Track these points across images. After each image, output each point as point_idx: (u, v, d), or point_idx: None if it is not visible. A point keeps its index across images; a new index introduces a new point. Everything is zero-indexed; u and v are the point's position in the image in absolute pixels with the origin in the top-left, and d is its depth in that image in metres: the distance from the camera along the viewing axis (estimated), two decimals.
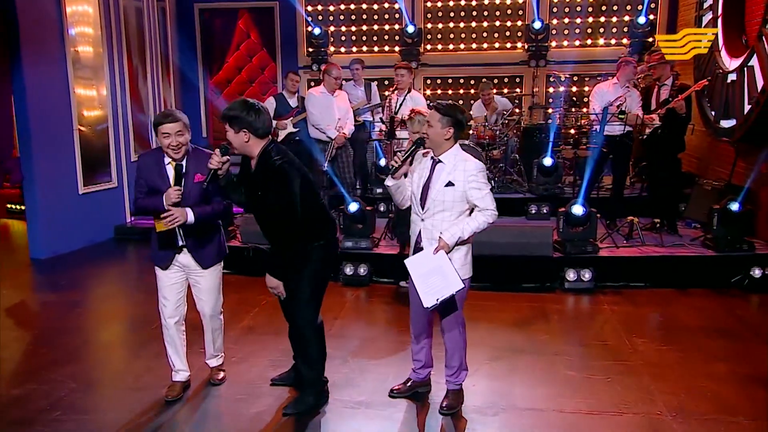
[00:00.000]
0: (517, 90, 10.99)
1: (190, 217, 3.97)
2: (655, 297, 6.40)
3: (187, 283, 4.30)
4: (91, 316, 6.13)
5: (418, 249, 3.94)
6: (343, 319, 5.91)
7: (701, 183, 7.98)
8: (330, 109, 7.56)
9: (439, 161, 3.88)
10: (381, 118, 7.43)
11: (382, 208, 8.29)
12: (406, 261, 3.85)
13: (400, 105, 7.62)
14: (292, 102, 9.19)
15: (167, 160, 4.01)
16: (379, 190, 8.67)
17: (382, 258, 6.95)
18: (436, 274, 3.70)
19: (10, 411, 4.21)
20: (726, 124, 7.73)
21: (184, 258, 4.15)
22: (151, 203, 3.99)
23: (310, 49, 11.16)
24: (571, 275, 6.58)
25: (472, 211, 3.89)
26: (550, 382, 4.59)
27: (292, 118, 8.70)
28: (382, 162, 8.38)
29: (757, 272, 6.52)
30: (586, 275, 6.58)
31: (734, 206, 6.71)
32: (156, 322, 5.67)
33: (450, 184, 3.82)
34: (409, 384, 4.34)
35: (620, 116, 7.06)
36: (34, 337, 5.54)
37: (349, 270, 6.84)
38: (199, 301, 4.33)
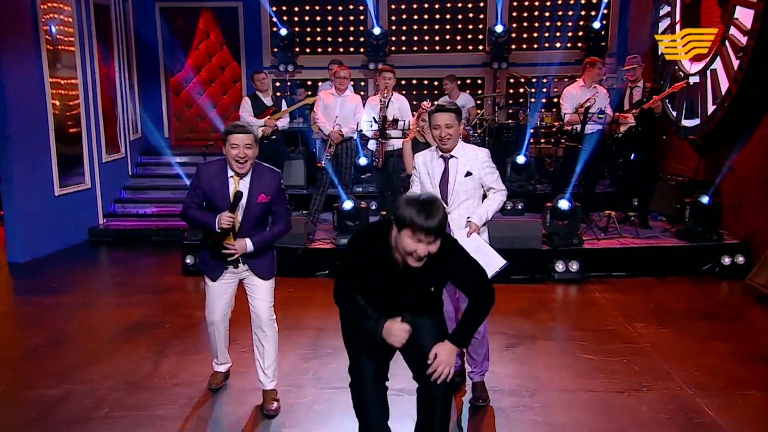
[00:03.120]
0: (479, 91, 11.33)
1: (249, 247, 3.89)
2: (637, 285, 6.82)
3: (236, 289, 4.17)
4: (95, 318, 6.01)
5: None
6: None
7: (665, 179, 8.50)
8: (332, 108, 7.68)
9: (452, 156, 4.11)
10: (374, 117, 7.56)
11: (373, 207, 8.44)
12: None
13: (387, 106, 7.78)
14: (267, 101, 9.18)
15: (230, 172, 3.87)
16: (359, 189, 8.80)
17: None
18: (478, 254, 3.89)
19: (56, 410, 4.16)
20: (689, 123, 8.28)
21: (238, 270, 4.05)
22: (201, 219, 3.90)
23: (275, 50, 11.18)
24: (560, 266, 6.93)
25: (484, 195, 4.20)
26: (571, 365, 4.88)
27: (271, 116, 8.73)
28: (362, 161, 8.53)
29: (726, 260, 7.05)
30: (574, 266, 6.95)
31: (705, 200, 7.22)
32: (169, 323, 5.77)
33: (468, 174, 4.09)
34: None
35: (600, 116, 7.46)
36: (45, 339, 5.40)
37: None
38: (254, 302, 4.10)
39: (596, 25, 10.86)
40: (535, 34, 11.39)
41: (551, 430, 3.95)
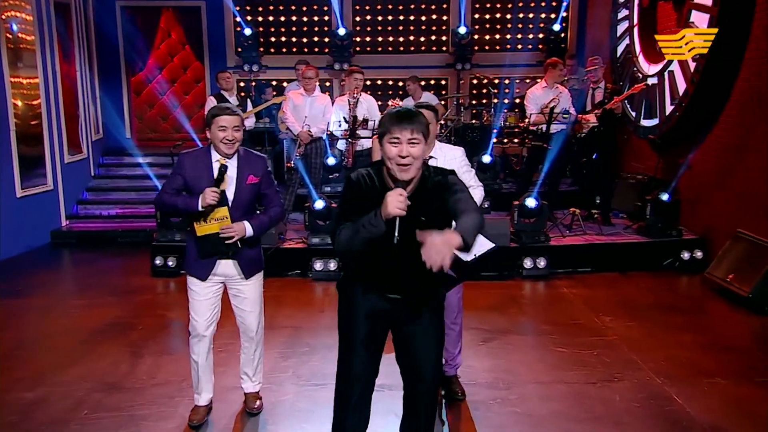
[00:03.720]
0: (443, 92, 11.47)
1: (249, 231, 3.75)
2: (602, 279, 7.03)
3: (221, 298, 3.95)
4: (65, 320, 5.91)
5: None
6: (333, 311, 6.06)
7: (625, 177, 8.76)
8: (301, 108, 7.69)
9: (431, 157, 4.18)
10: (344, 117, 7.62)
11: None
12: None
13: (355, 106, 7.85)
14: (233, 100, 9.16)
15: (215, 157, 3.75)
16: (327, 189, 8.83)
17: None
18: None
19: (35, 413, 4.12)
20: (647, 123, 8.55)
21: (226, 267, 3.83)
22: (182, 201, 3.72)
23: (240, 50, 11.13)
24: (528, 263, 7.10)
25: None
26: (545, 357, 5.02)
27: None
28: (331, 161, 8.58)
29: (685, 255, 7.31)
30: (541, 263, 7.12)
31: (664, 197, 7.47)
32: (142, 324, 5.72)
33: None
34: None
35: (565, 116, 7.65)
36: (14, 343, 5.30)
37: (319, 266, 7.00)
38: (242, 314, 3.98)
39: (556, 27, 11.13)
40: (498, 36, 11.60)
41: (530, 421, 4.07)
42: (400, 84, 11.34)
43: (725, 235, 6.83)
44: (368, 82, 11.43)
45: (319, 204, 7.18)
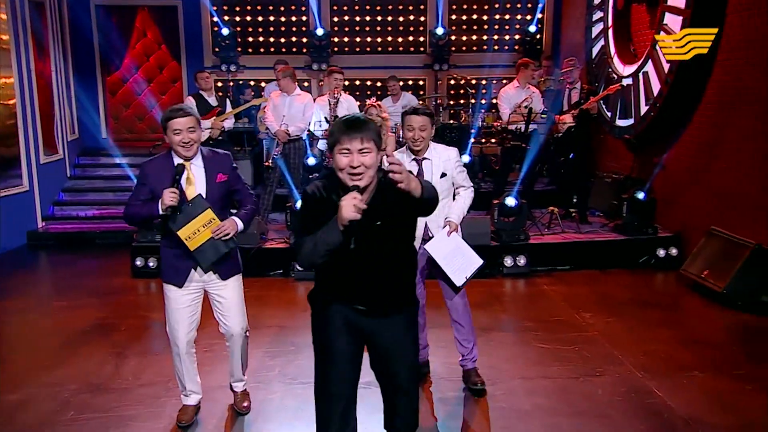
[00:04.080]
0: (421, 92, 11.55)
1: (240, 225, 3.75)
2: (581, 277, 7.14)
3: (201, 303, 3.91)
4: (45, 321, 5.86)
5: (426, 239, 4.27)
6: None
7: (601, 176, 8.90)
8: (280, 108, 7.71)
9: (425, 158, 4.27)
10: (325, 117, 7.65)
11: None
12: (426, 246, 4.18)
13: (336, 106, 7.89)
14: (212, 101, 9.12)
15: (177, 160, 3.69)
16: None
17: None
18: (457, 255, 4.09)
19: (18, 415, 4.10)
20: (623, 123, 8.70)
21: (201, 271, 3.78)
22: (144, 210, 3.66)
23: (217, 50, 11.09)
24: (508, 261, 7.19)
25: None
26: (528, 353, 5.11)
27: (217, 117, 8.67)
28: (311, 161, 8.60)
29: (661, 252, 7.46)
30: (521, 261, 7.22)
31: (640, 196, 7.62)
32: (125, 325, 5.70)
33: (443, 174, 4.25)
34: None
35: (543, 116, 7.77)
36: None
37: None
38: (224, 319, 3.94)
39: (532, 29, 11.29)
40: (475, 37, 11.71)
41: (516, 415, 4.14)
42: (378, 84, 11.42)
43: (699, 232, 6.99)
44: (346, 83, 11.43)
45: (300, 204, 7.18)
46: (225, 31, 10.75)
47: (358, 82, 11.55)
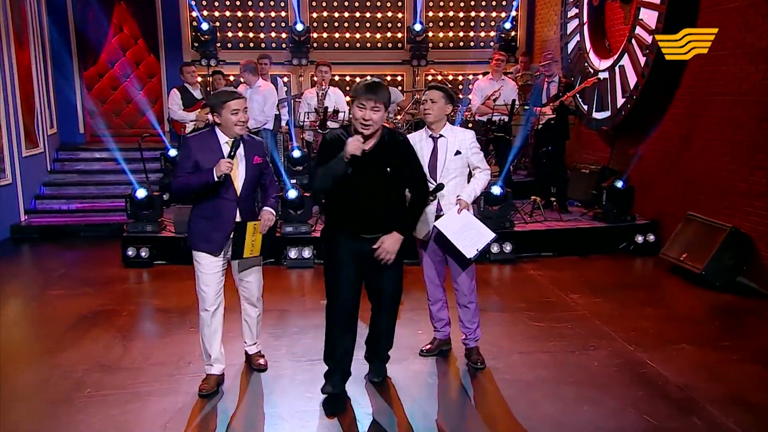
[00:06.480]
0: (399, 88, 11.71)
1: (274, 214, 4.20)
2: (565, 262, 7.40)
3: (226, 271, 4.19)
4: (46, 310, 5.85)
5: (439, 217, 4.44)
6: (315, 296, 6.22)
7: (579, 167, 9.19)
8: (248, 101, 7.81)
9: (441, 136, 4.45)
10: (315, 108, 7.77)
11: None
12: (436, 222, 4.34)
13: (324, 98, 8.03)
14: (197, 94, 9.23)
15: (223, 139, 3.97)
16: (293, 182, 8.93)
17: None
18: (469, 230, 4.26)
19: (36, 394, 4.16)
20: (599, 115, 9.00)
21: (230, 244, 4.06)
22: (196, 179, 3.88)
23: (196, 44, 11.10)
24: (495, 248, 7.40)
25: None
26: (524, 331, 5.32)
27: (202, 109, 8.75)
28: (296, 153, 8.71)
29: (639, 238, 7.76)
30: (507, 247, 7.45)
31: (619, 184, 7.91)
32: (126, 311, 5.74)
33: (458, 152, 4.43)
34: (435, 343, 4.83)
35: (525, 107, 8.02)
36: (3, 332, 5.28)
37: (293, 254, 7.12)
38: (246, 285, 4.29)
39: (507, 25, 11.54)
40: (452, 34, 11.93)
41: (521, 386, 4.34)
42: (358, 80, 11.50)
43: (675, 218, 7.30)
44: None
45: (293, 193, 7.31)
46: (204, 26, 10.76)
47: (337, 78, 11.62)
